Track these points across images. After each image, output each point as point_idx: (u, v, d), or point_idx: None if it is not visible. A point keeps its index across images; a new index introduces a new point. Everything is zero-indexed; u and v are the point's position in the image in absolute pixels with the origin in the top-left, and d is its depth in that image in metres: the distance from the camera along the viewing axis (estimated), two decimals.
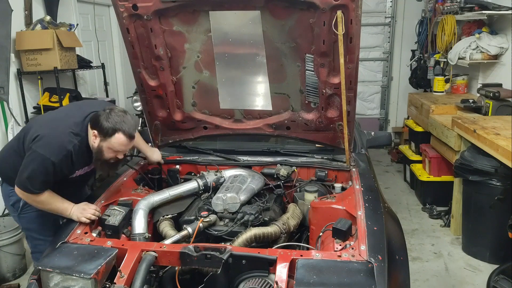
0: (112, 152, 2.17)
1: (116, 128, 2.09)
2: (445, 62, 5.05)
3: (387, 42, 6.57)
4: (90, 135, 2.17)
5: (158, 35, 2.39)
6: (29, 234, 2.44)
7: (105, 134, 2.10)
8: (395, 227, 2.12)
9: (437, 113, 4.29)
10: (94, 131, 2.13)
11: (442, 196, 4.22)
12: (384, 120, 6.89)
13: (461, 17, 4.60)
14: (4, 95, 3.70)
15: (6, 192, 2.38)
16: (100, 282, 1.74)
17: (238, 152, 2.85)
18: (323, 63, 2.34)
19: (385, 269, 1.68)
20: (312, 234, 2.23)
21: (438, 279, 3.19)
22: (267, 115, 2.72)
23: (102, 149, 2.14)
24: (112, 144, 2.12)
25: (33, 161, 2.08)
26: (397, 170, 5.68)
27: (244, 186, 2.41)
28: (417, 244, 3.71)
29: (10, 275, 3.30)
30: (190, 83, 2.65)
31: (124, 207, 2.22)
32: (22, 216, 2.37)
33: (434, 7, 5.30)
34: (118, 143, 2.12)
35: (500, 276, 2.83)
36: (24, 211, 2.35)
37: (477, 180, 3.24)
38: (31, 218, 2.36)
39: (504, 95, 3.88)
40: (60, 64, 4.00)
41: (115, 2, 2.28)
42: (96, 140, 2.14)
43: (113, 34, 5.99)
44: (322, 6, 2.10)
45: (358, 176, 2.44)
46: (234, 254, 1.81)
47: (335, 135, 2.67)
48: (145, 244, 1.95)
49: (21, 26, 4.05)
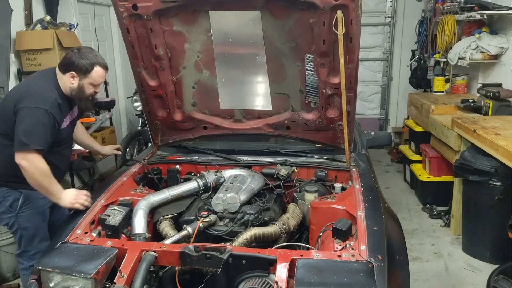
0: (92, 87, 2.32)
1: (93, 63, 2.26)
2: (445, 62, 5.06)
3: (387, 42, 6.57)
4: (65, 79, 2.27)
5: (158, 35, 2.40)
6: (25, 234, 2.40)
7: (84, 71, 2.24)
8: (395, 227, 2.12)
9: (437, 113, 4.29)
10: (71, 73, 2.24)
11: (442, 196, 4.22)
12: (384, 120, 6.90)
13: (461, 17, 4.60)
14: (4, 95, 3.70)
15: (1, 194, 2.34)
16: (100, 282, 1.74)
17: (238, 152, 2.85)
18: (323, 63, 2.34)
19: (385, 269, 1.68)
20: (312, 234, 2.23)
21: (438, 279, 3.19)
22: (267, 115, 2.72)
23: (84, 86, 2.28)
24: (93, 78, 2.28)
25: (27, 116, 2.12)
26: (397, 170, 5.68)
27: (244, 186, 2.41)
28: (417, 244, 3.71)
29: (10, 275, 3.30)
30: (190, 83, 2.65)
31: (124, 207, 2.22)
32: (20, 215, 2.35)
33: (434, 7, 5.30)
34: (98, 76, 2.29)
35: (500, 276, 2.83)
36: (22, 209, 2.35)
37: (477, 180, 3.24)
38: (29, 216, 2.36)
39: (504, 95, 3.88)
40: None
41: (115, 2, 2.28)
42: (75, 80, 2.26)
43: (113, 34, 5.99)
44: (322, 6, 2.10)
45: (358, 176, 2.44)
46: (234, 254, 1.81)
47: (335, 135, 2.67)
48: (145, 244, 1.95)
49: (21, 26, 4.05)
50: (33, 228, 2.38)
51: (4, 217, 2.37)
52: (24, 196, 2.33)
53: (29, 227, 2.39)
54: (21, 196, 2.33)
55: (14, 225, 2.37)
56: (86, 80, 2.28)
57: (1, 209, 2.35)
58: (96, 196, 2.32)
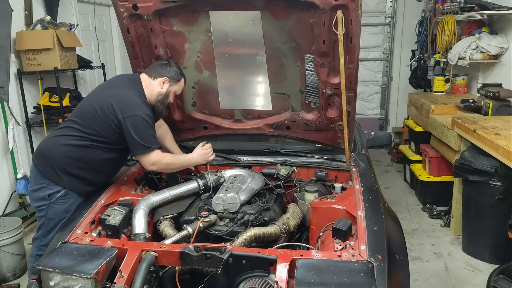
0: (174, 96, 2.50)
1: (182, 73, 2.49)
2: (445, 62, 5.06)
3: (387, 42, 6.57)
4: (154, 84, 2.42)
5: (158, 35, 2.40)
6: (47, 223, 2.43)
7: (176, 79, 2.44)
8: (395, 227, 2.12)
9: (437, 113, 4.29)
10: (165, 78, 2.41)
11: (442, 196, 4.22)
12: (384, 120, 6.90)
13: (461, 17, 4.60)
14: (4, 95, 3.71)
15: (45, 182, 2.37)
16: (100, 282, 1.74)
17: (238, 152, 2.85)
18: (323, 63, 2.34)
19: (385, 269, 1.68)
20: (312, 234, 2.23)
21: (438, 279, 3.19)
22: (267, 115, 2.72)
23: (170, 93, 2.45)
24: (179, 87, 2.49)
25: (133, 125, 2.25)
26: (397, 170, 5.68)
27: (244, 186, 2.41)
28: (417, 244, 3.71)
29: (10, 275, 3.30)
30: (190, 83, 2.65)
31: (124, 207, 2.22)
32: (52, 206, 2.38)
33: (434, 7, 5.30)
34: (181, 87, 2.51)
35: (500, 276, 2.83)
36: (57, 201, 2.37)
37: (477, 180, 3.24)
38: (60, 210, 2.38)
39: (504, 95, 3.88)
40: (60, 64, 4.00)
41: (115, 2, 2.28)
42: (165, 86, 2.42)
43: (113, 34, 5.99)
44: (322, 6, 2.10)
45: (358, 176, 2.44)
46: (234, 254, 1.81)
47: (335, 135, 2.67)
48: (145, 244, 1.95)
49: (21, 26, 4.05)
50: (56, 222, 2.40)
51: (38, 201, 2.42)
52: (65, 191, 2.37)
53: (54, 220, 2.40)
54: (63, 190, 2.37)
55: (42, 211, 2.41)
56: (173, 88, 2.45)
57: (40, 193, 2.39)
58: (96, 196, 2.32)
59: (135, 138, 2.25)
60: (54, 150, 2.37)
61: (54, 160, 2.35)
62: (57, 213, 2.38)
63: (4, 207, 3.87)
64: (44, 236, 2.45)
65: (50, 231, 2.42)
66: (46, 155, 2.39)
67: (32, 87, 4.22)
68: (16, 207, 3.97)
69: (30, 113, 4.13)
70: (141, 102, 2.31)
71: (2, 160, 3.89)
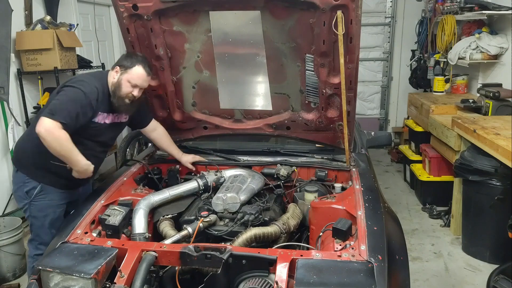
0: (129, 87, 2.33)
1: (137, 61, 2.33)
2: (445, 62, 5.06)
3: (387, 42, 6.58)
4: (110, 74, 2.36)
5: (158, 35, 2.40)
6: (34, 222, 2.47)
7: (126, 66, 2.32)
8: (395, 227, 2.12)
9: (437, 113, 4.29)
10: (116, 67, 2.34)
11: (442, 196, 4.22)
12: (384, 120, 6.90)
13: (461, 17, 4.60)
14: (4, 95, 3.70)
15: (22, 179, 2.42)
16: (100, 282, 1.74)
17: (238, 152, 2.85)
18: (323, 63, 2.34)
19: (385, 269, 1.68)
20: (312, 234, 2.23)
21: (438, 279, 3.19)
22: (267, 115, 2.72)
23: (121, 82, 2.32)
24: (131, 75, 2.31)
25: (64, 93, 2.21)
26: (397, 170, 5.68)
27: (244, 186, 2.41)
28: (417, 244, 3.71)
29: (10, 275, 3.30)
30: (190, 83, 2.65)
31: (124, 207, 2.22)
32: (33, 203, 2.42)
33: (434, 7, 5.30)
34: (136, 75, 2.32)
35: (500, 276, 2.83)
36: (37, 198, 2.41)
37: (477, 180, 3.24)
38: (42, 206, 2.42)
39: (504, 95, 3.88)
40: (60, 64, 4.00)
41: (115, 2, 2.28)
42: (117, 74, 2.34)
43: (113, 34, 5.99)
44: (322, 6, 2.10)
45: (358, 176, 2.44)
46: (234, 254, 1.81)
47: (335, 135, 2.67)
48: (145, 244, 1.95)
49: (21, 26, 4.05)
50: (42, 219, 2.44)
51: (21, 201, 2.47)
52: (41, 187, 2.40)
53: (39, 217, 2.44)
54: (38, 186, 2.40)
55: (27, 211, 2.46)
56: (125, 76, 2.33)
57: (19, 193, 2.44)
58: (96, 196, 2.32)
59: (53, 101, 2.20)
60: (25, 146, 2.42)
61: (26, 155, 2.40)
62: (40, 210, 2.43)
63: (4, 207, 3.87)
64: (37, 235, 2.49)
65: (40, 229, 2.46)
66: (20, 152, 2.47)
67: (32, 87, 4.22)
68: (16, 207, 3.96)
69: (30, 113, 4.13)
70: (92, 85, 2.26)
71: (2, 160, 3.89)
